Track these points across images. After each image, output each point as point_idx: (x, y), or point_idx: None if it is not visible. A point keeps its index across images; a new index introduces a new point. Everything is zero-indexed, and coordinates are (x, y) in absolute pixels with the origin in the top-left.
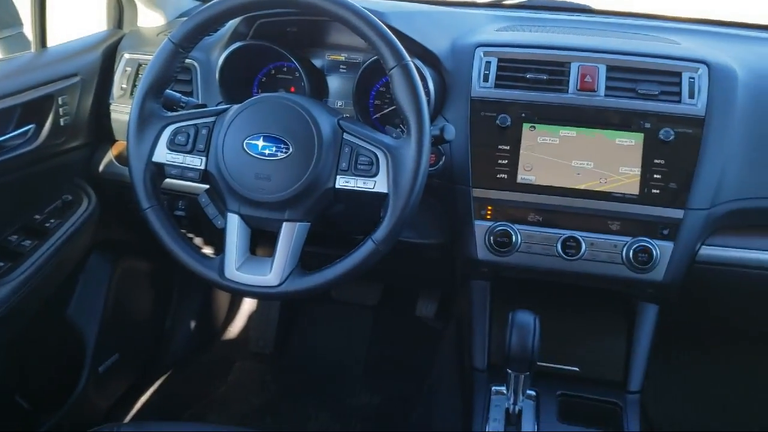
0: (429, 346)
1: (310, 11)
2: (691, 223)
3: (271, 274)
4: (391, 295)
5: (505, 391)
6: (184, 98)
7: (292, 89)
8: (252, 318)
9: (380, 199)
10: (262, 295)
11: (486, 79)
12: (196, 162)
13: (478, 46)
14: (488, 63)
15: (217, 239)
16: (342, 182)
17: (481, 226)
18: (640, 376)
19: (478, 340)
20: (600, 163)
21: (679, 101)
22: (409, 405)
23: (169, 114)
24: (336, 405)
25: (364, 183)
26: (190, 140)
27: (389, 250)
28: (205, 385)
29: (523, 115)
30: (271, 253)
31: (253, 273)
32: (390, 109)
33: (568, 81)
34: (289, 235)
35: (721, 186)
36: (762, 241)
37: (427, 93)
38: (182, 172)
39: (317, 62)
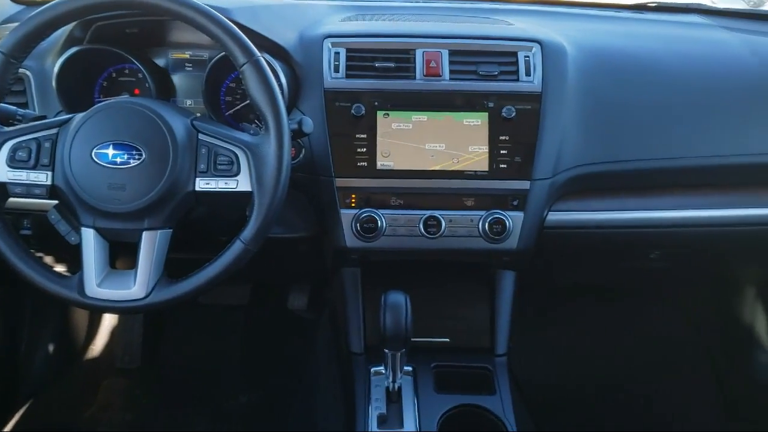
0: (304, 338)
1: (152, 12)
2: (537, 193)
3: (136, 286)
4: (260, 291)
5: (383, 371)
6: (21, 111)
7: (137, 91)
8: (115, 333)
9: (245, 198)
10: (129, 310)
11: (337, 69)
12: (42, 177)
13: (326, 38)
14: (337, 54)
15: (72, 256)
16: (202, 184)
17: (347, 215)
18: (505, 339)
19: (353, 325)
20: (451, 144)
21: (517, 79)
22: (291, 397)
23: (6, 129)
24: (216, 408)
25: (225, 183)
26: (33, 155)
27: (259, 249)
28: (71, 410)
29: (376, 103)
30: (133, 265)
31: (116, 287)
32: (243, 104)
33: (415, 68)
34: (150, 245)
35: (560, 156)
36: (599, 202)
37: (280, 87)
38: (27, 190)
39: (160, 62)
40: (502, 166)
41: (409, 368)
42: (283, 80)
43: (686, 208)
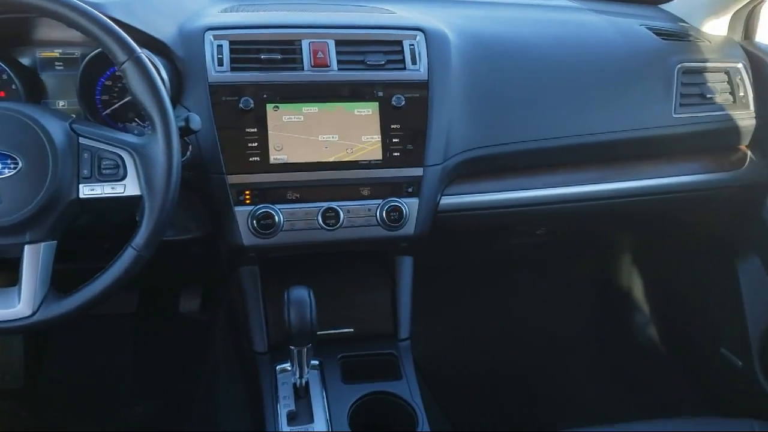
0: (199, 340)
1: (20, 10)
2: (430, 179)
3: (21, 304)
4: (149, 297)
5: (289, 368)
6: None
7: (2, 94)
8: None
9: (134, 202)
10: (15, 329)
11: (221, 63)
12: None
13: (207, 30)
14: (220, 47)
15: None
16: (87, 191)
17: (242, 212)
18: (408, 323)
19: (255, 325)
20: (344, 134)
21: (404, 68)
22: (190, 402)
23: None
24: (111, 420)
25: (112, 188)
26: None
27: (152, 254)
28: None
29: (265, 96)
30: (15, 281)
31: None
32: (121, 103)
33: (302, 58)
34: (34, 259)
35: (449, 141)
36: (487, 184)
37: (163, 84)
38: None
39: (26, 61)
40: (395, 154)
41: (316, 362)
42: (165, 76)
43: (567, 185)
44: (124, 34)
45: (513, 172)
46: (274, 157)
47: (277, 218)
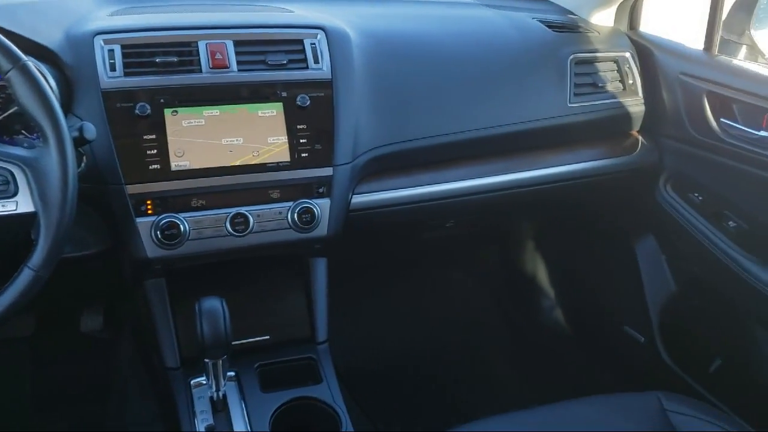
0: (104, 360)
1: None
2: (340, 178)
3: None
4: (47, 318)
5: (204, 381)
6: None
7: None
8: None
9: (27, 219)
10: None
11: (113, 68)
12: None
13: (96, 35)
14: (111, 51)
15: None
16: None
17: (144, 223)
18: (324, 326)
19: (165, 340)
20: (249, 137)
21: (307, 67)
22: (99, 424)
23: None
24: None
25: (3, 206)
26: None
27: (51, 273)
28: None
29: (162, 100)
30: None
31: None
32: (6, 114)
33: (200, 60)
34: None
35: (357, 140)
36: (397, 181)
37: (52, 91)
38: None
39: None
40: (304, 154)
41: (232, 373)
42: (53, 84)
43: (474, 177)
44: (8, 42)
45: (422, 168)
46: (176, 163)
47: (182, 227)
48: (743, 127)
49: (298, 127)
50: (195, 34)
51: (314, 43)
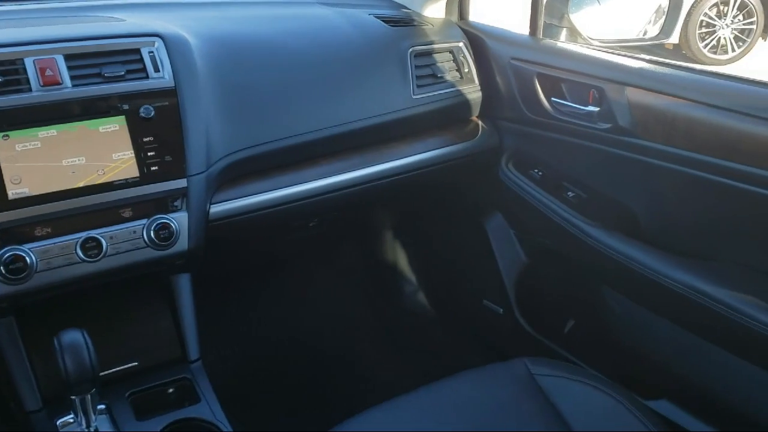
0: None
1: None
2: (195, 189)
3: None
4: None
5: (73, 419)
6: None
7: None
8: None
9: None
10: None
11: None
12: None
13: None
14: None
15: None
16: None
17: None
18: (195, 343)
19: (22, 382)
20: (92, 155)
21: (147, 77)
22: None
23: None
24: None
25: None
26: None
27: None
28: None
29: None
30: None
31: None
32: None
33: (28, 79)
34: None
35: (210, 147)
36: (255, 185)
37: None
38: None
39: None
40: (154, 168)
41: (103, 406)
42: None
43: (332, 174)
44: None
45: (280, 170)
46: (13, 191)
47: (28, 260)
48: (572, 104)
49: (145, 139)
50: (20, 50)
51: (152, 52)
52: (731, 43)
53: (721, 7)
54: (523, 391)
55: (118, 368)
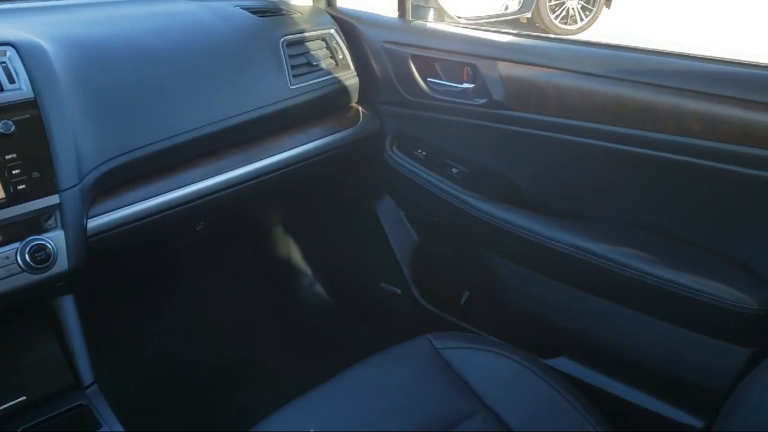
0: None
1: None
2: (69, 204)
3: None
4: None
5: None
6: None
7: None
8: None
9: None
10: None
11: None
12: None
13: None
14: None
15: None
16: None
17: None
18: (88, 367)
19: None
20: None
21: (2, 90)
22: None
23: None
24: None
25: None
26: None
27: None
28: None
29: None
30: None
31: None
32: None
33: None
34: None
35: (81, 158)
36: (135, 193)
37: None
38: None
39: None
40: (21, 187)
41: None
42: None
43: (215, 174)
44: None
45: (159, 174)
46: None
47: None
48: (448, 83)
49: (7, 157)
50: None
51: (5, 62)
52: (579, 13)
53: None
54: (431, 366)
55: (4, 406)
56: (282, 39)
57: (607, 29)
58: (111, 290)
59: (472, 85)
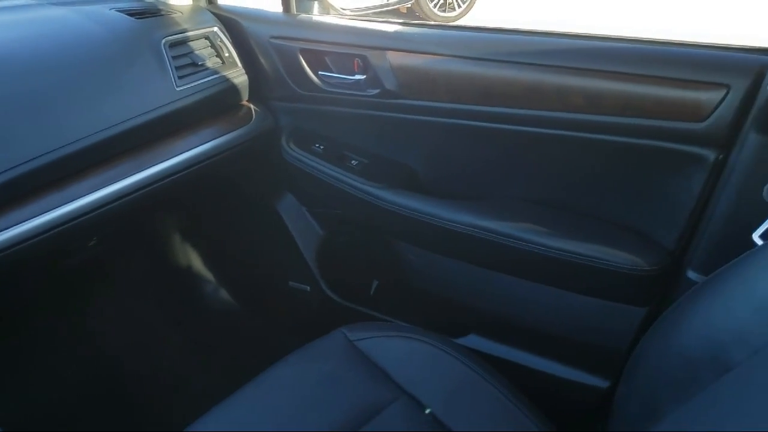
0: None
1: None
2: None
3: None
4: None
5: None
6: None
7: None
8: None
9: None
10: None
11: None
12: None
13: None
14: None
15: None
16: None
17: None
18: None
19: None
20: None
21: None
22: None
23: None
24: None
25: None
26: None
27: None
28: None
29: None
30: None
31: None
32: None
33: None
34: None
35: None
36: (17, 214)
37: None
38: None
39: None
40: None
41: None
42: None
43: (103, 186)
44: None
45: (43, 191)
46: None
47: None
48: (339, 75)
49: None
50: None
51: None
52: (456, 0)
53: None
54: (347, 359)
55: None
56: (163, 40)
57: (483, 15)
58: (3, 318)
59: (363, 77)
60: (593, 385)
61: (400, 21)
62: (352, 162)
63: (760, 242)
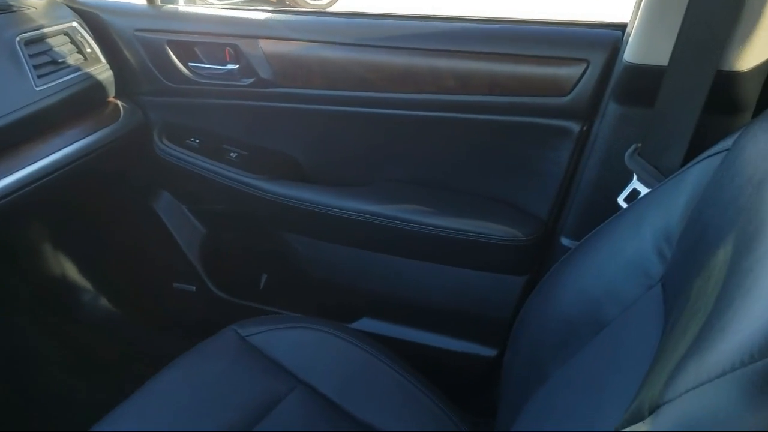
0: None
1: None
2: None
3: None
4: None
5: None
6: None
7: None
8: None
9: None
10: None
11: None
12: None
13: None
14: None
15: None
16: None
17: None
18: None
19: None
20: None
21: None
22: None
23: None
24: None
25: None
26: None
27: None
28: None
29: None
30: None
31: None
32: None
33: None
34: None
35: None
36: None
37: None
38: None
39: None
40: None
41: None
42: None
43: None
44: None
45: None
46: None
47: None
48: (211, 66)
49: None
50: None
51: None
52: None
53: None
54: (240, 356)
55: None
56: (18, 38)
57: (352, 2)
58: None
59: (236, 66)
60: (483, 354)
61: (270, 9)
62: (231, 155)
63: (624, 205)
